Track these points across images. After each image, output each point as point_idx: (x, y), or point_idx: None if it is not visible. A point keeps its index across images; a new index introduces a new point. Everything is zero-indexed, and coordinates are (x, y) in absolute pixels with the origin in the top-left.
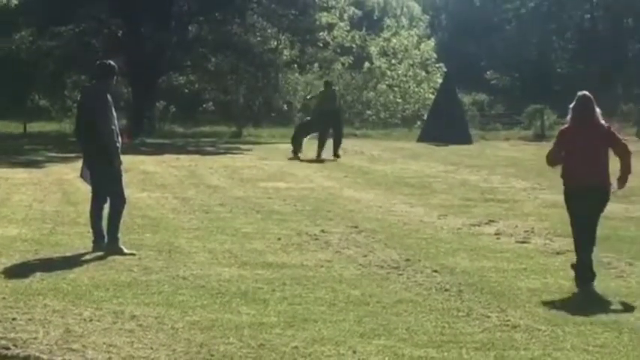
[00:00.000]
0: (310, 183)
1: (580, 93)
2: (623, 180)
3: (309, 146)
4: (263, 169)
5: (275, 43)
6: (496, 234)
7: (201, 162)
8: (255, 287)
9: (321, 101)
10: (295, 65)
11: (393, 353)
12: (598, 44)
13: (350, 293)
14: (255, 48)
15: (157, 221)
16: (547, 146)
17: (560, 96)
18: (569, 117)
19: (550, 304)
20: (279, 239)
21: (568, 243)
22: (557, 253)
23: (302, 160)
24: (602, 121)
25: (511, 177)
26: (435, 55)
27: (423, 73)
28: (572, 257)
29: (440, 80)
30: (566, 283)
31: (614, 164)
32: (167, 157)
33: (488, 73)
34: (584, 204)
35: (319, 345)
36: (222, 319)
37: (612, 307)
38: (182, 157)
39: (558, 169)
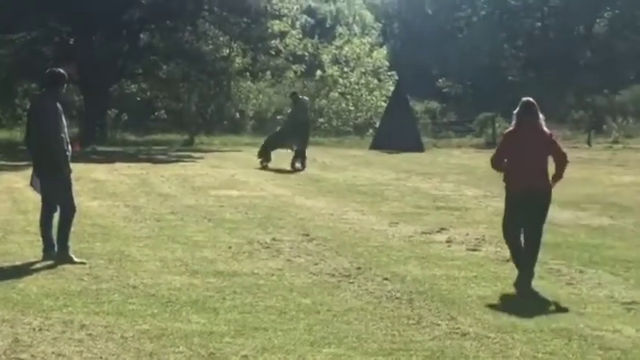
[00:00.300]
0: (262, 191)
1: (524, 99)
2: (555, 179)
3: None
4: (215, 177)
5: (227, 50)
6: (447, 242)
7: (153, 170)
8: (206, 296)
9: (294, 113)
10: (247, 73)
11: None
12: (549, 52)
13: (300, 302)
14: (207, 56)
15: (108, 230)
16: None
17: (511, 104)
18: (513, 122)
19: (500, 312)
20: (230, 247)
21: None
22: (508, 261)
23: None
24: (545, 128)
25: (462, 185)
26: (387, 63)
27: (375, 81)
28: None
29: (392, 88)
30: (515, 291)
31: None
32: (118, 165)
33: (440, 80)
34: (528, 208)
35: (269, 354)
36: (172, 328)
37: (562, 314)
38: (133, 165)
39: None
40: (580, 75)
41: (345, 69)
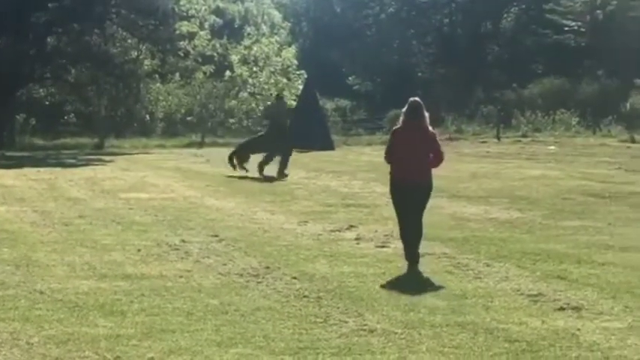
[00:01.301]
0: (172, 193)
1: (411, 99)
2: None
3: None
4: (124, 180)
5: (135, 53)
6: (356, 239)
7: (62, 174)
8: (114, 299)
9: (276, 117)
10: (156, 75)
11: None
12: (458, 48)
13: (208, 302)
14: (115, 58)
15: (15, 235)
16: None
17: (422, 100)
18: (400, 120)
19: (408, 308)
20: (139, 250)
21: (425, 246)
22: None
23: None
24: (429, 127)
25: (372, 182)
26: (296, 62)
27: (285, 81)
28: (430, 260)
29: (301, 87)
30: (424, 287)
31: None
32: (27, 170)
33: (350, 78)
34: (409, 198)
35: (175, 355)
36: (78, 333)
37: (469, 309)
38: (42, 169)
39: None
40: (488, 70)
41: (254, 69)
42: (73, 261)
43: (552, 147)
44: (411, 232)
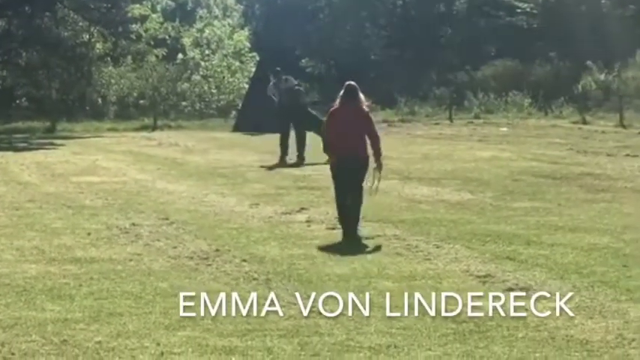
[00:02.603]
0: (123, 176)
1: (347, 83)
2: (379, 164)
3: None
4: (76, 163)
5: (87, 36)
6: (307, 221)
7: (13, 158)
8: (62, 283)
9: (279, 95)
10: (108, 58)
11: (197, 344)
12: (411, 30)
13: (158, 286)
14: (66, 42)
15: None
16: None
17: (375, 82)
18: (337, 101)
19: (357, 290)
20: (88, 234)
21: (376, 228)
22: (366, 238)
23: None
24: (365, 108)
25: (324, 164)
26: (248, 45)
27: (237, 63)
28: (381, 242)
29: (254, 70)
30: (373, 268)
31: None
32: None
33: (303, 61)
34: (347, 171)
35: (123, 339)
36: (25, 317)
37: (418, 290)
38: None
39: None
40: (442, 52)
41: (207, 52)
42: (22, 245)
43: (504, 128)
44: (347, 204)
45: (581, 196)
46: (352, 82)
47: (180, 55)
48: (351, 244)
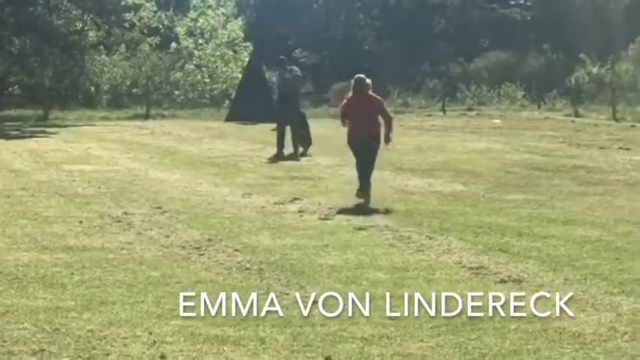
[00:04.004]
0: (115, 165)
1: (356, 76)
2: (387, 137)
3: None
4: (68, 152)
5: (80, 24)
6: (300, 211)
7: (5, 146)
8: (54, 271)
9: (279, 86)
10: (101, 47)
11: (189, 333)
12: (404, 21)
13: (150, 274)
14: (59, 30)
15: None
16: None
17: (368, 73)
18: (350, 92)
19: (349, 280)
20: (80, 222)
21: (369, 220)
22: (359, 229)
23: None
24: (375, 95)
25: (316, 154)
26: (242, 35)
27: (231, 53)
28: (373, 233)
29: (247, 59)
30: (365, 259)
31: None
32: None
33: (296, 51)
34: (362, 149)
35: (115, 327)
36: (17, 305)
37: (410, 281)
38: None
39: None
40: (435, 44)
41: (200, 41)
42: (14, 233)
43: (497, 120)
44: (364, 169)
45: (573, 188)
46: (361, 75)
47: (173, 44)
48: (361, 202)
